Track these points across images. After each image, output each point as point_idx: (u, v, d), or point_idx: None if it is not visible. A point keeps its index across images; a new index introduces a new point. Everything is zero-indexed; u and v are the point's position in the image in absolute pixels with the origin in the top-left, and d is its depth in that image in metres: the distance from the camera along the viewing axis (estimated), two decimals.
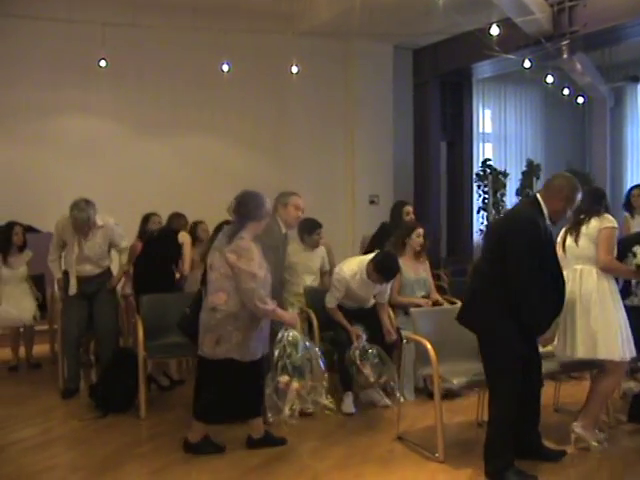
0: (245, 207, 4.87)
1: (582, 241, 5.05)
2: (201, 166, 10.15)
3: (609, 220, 5.01)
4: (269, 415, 4.89)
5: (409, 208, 8.01)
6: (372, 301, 6.34)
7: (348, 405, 5.96)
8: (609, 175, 13.27)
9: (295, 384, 4.77)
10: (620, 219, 6.76)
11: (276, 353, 4.83)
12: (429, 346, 4.93)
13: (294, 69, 9.66)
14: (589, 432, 5.06)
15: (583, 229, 5.04)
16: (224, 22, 9.66)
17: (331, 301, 6.20)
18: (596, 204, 5.11)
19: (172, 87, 10.01)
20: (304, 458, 5.04)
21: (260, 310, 4.77)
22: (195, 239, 7.51)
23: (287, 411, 4.78)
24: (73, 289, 6.54)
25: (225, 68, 9.44)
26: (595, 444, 5.04)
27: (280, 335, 4.89)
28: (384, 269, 5.95)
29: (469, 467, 4.75)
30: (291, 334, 4.90)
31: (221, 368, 4.87)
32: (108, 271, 6.80)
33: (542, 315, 4.52)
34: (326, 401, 4.94)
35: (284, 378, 4.78)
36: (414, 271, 6.79)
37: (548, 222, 4.58)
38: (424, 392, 6.18)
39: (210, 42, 9.63)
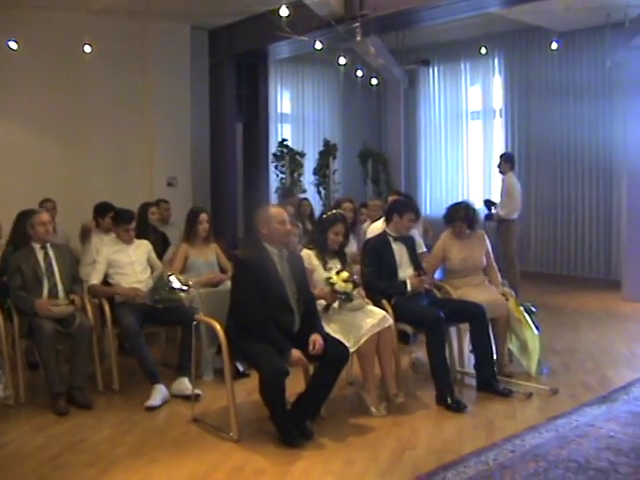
0: None
1: None
2: None
3: None
4: None
5: None
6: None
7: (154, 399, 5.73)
8: (403, 154, 13.80)
9: None
10: None
11: None
12: (218, 327, 4.98)
13: (87, 49, 9.31)
14: (370, 399, 5.48)
15: None
16: None
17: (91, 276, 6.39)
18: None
19: None
20: (97, 448, 4.92)
21: None
22: None
23: None
24: None
25: (13, 46, 9.00)
26: (373, 410, 5.41)
27: None
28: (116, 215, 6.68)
29: (263, 444, 4.86)
30: None
31: None
32: None
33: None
34: (3, 392, 5.24)
35: None
36: (202, 255, 6.87)
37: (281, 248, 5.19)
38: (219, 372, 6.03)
39: None
